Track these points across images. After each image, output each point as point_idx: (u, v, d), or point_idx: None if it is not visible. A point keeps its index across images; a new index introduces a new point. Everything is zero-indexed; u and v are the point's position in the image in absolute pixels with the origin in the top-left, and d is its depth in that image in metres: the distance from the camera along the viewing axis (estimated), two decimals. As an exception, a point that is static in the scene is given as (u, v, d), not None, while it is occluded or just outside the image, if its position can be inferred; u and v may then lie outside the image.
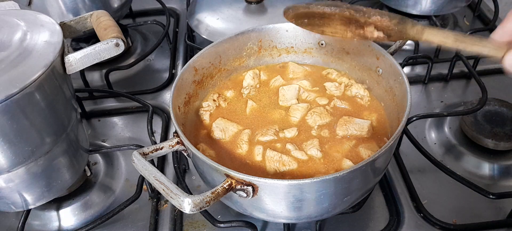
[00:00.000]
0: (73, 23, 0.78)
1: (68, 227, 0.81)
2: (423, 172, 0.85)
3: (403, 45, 0.79)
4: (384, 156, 0.61)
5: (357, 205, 0.74)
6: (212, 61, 0.83)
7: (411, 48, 1.14)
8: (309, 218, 0.64)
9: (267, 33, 0.87)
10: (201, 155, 0.60)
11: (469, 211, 0.78)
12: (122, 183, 0.88)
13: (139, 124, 1.02)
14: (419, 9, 1.16)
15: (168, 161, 0.91)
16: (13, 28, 0.68)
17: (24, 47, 0.64)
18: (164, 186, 0.55)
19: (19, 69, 0.60)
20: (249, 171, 0.67)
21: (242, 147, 0.72)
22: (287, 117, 0.77)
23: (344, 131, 0.72)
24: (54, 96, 0.66)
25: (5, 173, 0.66)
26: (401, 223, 0.76)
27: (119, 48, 0.70)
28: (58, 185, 0.75)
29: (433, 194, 0.81)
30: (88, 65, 0.70)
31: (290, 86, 0.82)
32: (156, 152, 0.63)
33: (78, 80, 1.09)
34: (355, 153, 0.69)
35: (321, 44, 0.87)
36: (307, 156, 0.69)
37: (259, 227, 0.76)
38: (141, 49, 1.27)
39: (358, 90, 0.80)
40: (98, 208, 0.83)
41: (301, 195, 0.58)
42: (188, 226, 0.80)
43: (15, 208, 0.74)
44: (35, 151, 0.66)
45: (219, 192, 0.55)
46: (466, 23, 1.30)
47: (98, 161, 0.92)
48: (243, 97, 0.83)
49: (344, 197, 0.62)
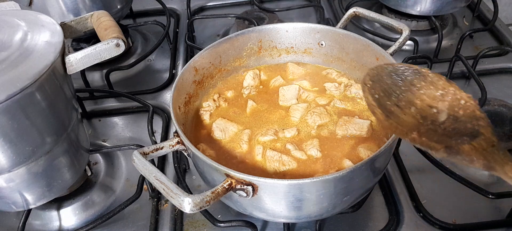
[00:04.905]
0: (73, 24, 0.79)
1: (69, 226, 0.81)
2: (422, 171, 0.85)
3: (402, 46, 0.79)
4: (383, 155, 0.62)
5: (357, 204, 0.75)
6: (212, 61, 0.84)
7: (410, 48, 1.14)
8: (309, 217, 0.65)
9: (267, 33, 0.88)
10: (201, 155, 0.60)
11: (468, 210, 0.78)
12: (122, 183, 0.89)
13: (140, 123, 1.02)
14: (418, 9, 1.16)
15: (169, 161, 0.92)
16: (14, 28, 0.68)
17: (25, 48, 0.64)
18: (164, 186, 0.55)
19: (20, 70, 0.61)
20: (249, 170, 0.67)
21: (242, 146, 0.72)
22: (287, 117, 0.77)
23: (343, 131, 0.72)
24: (55, 96, 0.66)
25: (6, 172, 0.66)
26: (400, 223, 0.77)
27: (119, 48, 0.70)
28: (58, 185, 0.75)
29: (433, 193, 0.81)
30: (88, 65, 0.70)
31: (290, 87, 0.82)
32: (157, 152, 0.63)
33: (79, 80, 1.09)
34: (355, 153, 0.69)
35: (321, 44, 0.87)
36: (307, 156, 0.69)
37: (259, 226, 0.76)
38: (142, 49, 1.27)
39: (358, 90, 0.80)
40: (98, 208, 0.84)
41: (301, 194, 0.58)
42: (189, 225, 0.80)
43: (15, 207, 0.74)
44: (35, 151, 0.67)
45: (219, 192, 0.55)
46: (466, 23, 1.30)
47: (98, 160, 0.92)
48: (243, 97, 0.83)
49: (343, 197, 0.62)
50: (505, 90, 1.03)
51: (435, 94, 0.53)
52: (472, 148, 0.49)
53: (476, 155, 0.48)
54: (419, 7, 1.16)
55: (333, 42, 0.86)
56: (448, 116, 0.51)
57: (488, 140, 0.49)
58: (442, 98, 0.52)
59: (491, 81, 1.04)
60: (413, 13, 1.18)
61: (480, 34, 1.23)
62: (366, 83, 0.59)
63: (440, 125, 0.51)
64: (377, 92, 0.57)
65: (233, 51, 0.86)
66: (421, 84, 0.54)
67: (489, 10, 1.32)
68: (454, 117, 0.51)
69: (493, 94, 0.95)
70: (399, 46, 0.78)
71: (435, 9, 1.16)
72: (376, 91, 0.57)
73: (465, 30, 1.22)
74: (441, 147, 0.50)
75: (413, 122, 0.53)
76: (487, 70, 1.09)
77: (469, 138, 0.49)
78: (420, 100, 0.53)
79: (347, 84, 0.82)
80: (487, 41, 1.22)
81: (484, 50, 1.06)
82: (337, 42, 0.85)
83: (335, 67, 0.87)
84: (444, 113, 0.51)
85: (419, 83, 0.54)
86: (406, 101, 0.54)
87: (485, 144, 0.49)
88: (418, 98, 0.53)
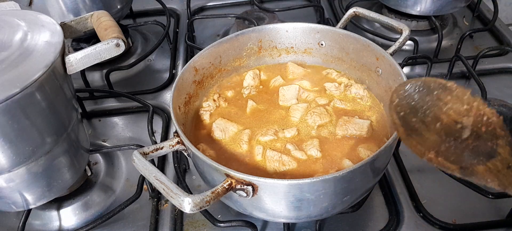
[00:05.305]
0: (73, 24, 0.79)
1: (69, 226, 0.81)
2: (422, 171, 0.85)
3: (402, 46, 0.79)
4: (383, 155, 0.62)
5: (357, 204, 0.75)
6: (212, 61, 0.84)
7: (410, 48, 1.14)
8: (309, 217, 0.65)
9: (267, 33, 0.88)
10: (201, 155, 0.60)
11: (468, 210, 0.78)
12: (122, 183, 0.89)
13: (140, 123, 1.02)
14: (418, 10, 1.16)
15: (169, 161, 0.92)
16: (14, 28, 0.68)
17: (25, 48, 0.64)
18: (164, 186, 0.55)
19: (20, 70, 0.61)
20: (249, 170, 0.67)
21: (242, 146, 0.72)
22: (287, 117, 0.77)
23: (343, 131, 0.72)
24: (55, 96, 0.66)
25: (6, 172, 0.66)
26: (400, 223, 0.77)
27: (119, 48, 0.70)
28: (58, 185, 0.75)
29: (433, 193, 0.81)
30: (88, 65, 0.70)
31: (290, 86, 0.83)
32: (157, 152, 0.63)
33: (79, 80, 1.09)
34: (355, 153, 0.69)
35: (321, 44, 0.87)
36: (307, 156, 0.69)
37: (259, 226, 0.76)
38: (142, 49, 1.27)
39: (358, 90, 0.80)
40: (98, 208, 0.84)
41: (301, 194, 0.58)
42: (189, 225, 0.80)
43: (16, 207, 0.74)
44: (35, 151, 0.67)
45: (219, 192, 0.55)
46: (466, 23, 1.30)
47: (98, 160, 0.92)
48: (243, 97, 0.83)
49: (343, 197, 0.62)
50: (505, 90, 1.03)
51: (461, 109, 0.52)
52: (487, 169, 0.48)
53: (490, 177, 0.47)
54: (419, 7, 1.16)
55: (333, 42, 0.86)
56: (471, 132, 0.50)
57: (504, 161, 0.47)
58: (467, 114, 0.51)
59: (491, 81, 1.04)
60: (413, 13, 1.18)
61: (480, 34, 1.23)
62: (393, 100, 0.58)
63: (462, 142, 0.50)
64: (403, 109, 0.56)
65: (233, 51, 0.86)
66: (447, 98, 0.53)
67: (489, 10, 1.32)
68: (476, 134, 0.50)
69: (493, 94, 0.95)
70: (399, 46, 0.78)
71: (435, 9, 1.16)
72: (402, 108, 0.56)
73: (465, 30, 1.22)
74: (456, 167, 0.50)
75: (435, 139, 0.52)
76: (487, 70, 1.09)
77: (486, 157, 0.49)
78: (446, 116, 0.52)
79: (347, 84, 0.82)
80: (487, 41, 1.22)
81: (484, 50, 1.06)
82: (337, 42, 0.85)
83: (335, 67, 0.87)
84: (468, 130, 0.50)
85: (445, 98, 0.53)
86: (433, 117, 0.53)
87: (500, 165, 0.47)
88: (444, 114, 0.53)
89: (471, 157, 0.49)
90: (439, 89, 0.55)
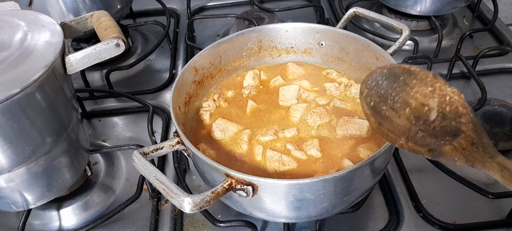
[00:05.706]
0: (73, 24, 0.79)
1: (69, 226, 0.81)
2: (422, 171, 0.85)
3: (402, 46, 0.79)
4: (383, 155, 0.62)
5: (357, 204, 0.75)
6: (212, 61, 0.84)
7: (410, 48, 1.14)
8: (309, 217, 0.65)
9: (267, 33, 0.88)
10: (201, 155, 0.60)
11: (468, 210, 0.78)
12: (122, 183, 0.89)
13: (140, 123, 1.02)
14: (418, 10, 1.16)
15: (169, 161, 0.92)
16: (14, 28, 0.68)
17: (25, 48, 0.64)
18: (164, 186, 0.55)
19: (20, 70, 0.61)
20: (249, 170, 0.67)
21: (242, 146, 0.72)
22: (287, 117, 0.77)
23: (343, 130, 0.72)
24: (55, 96, 0.66)
25: (6, 172, 0.66)
26: (400, 223, 0.77)
27: (119, 48, 0.70)
28: (58, 185, 0.75)
29: (433, 193, 0.81)
30: (88, 65, 0.70)
31: (290, 86, 0.83)
32: (157, 152, 0.63)
33: (79, 80, 1.09)
34: (355, 153, 0.69)
35: (321, 44, 0.87)
36: (307, 156, 0.69)
37: (259, 226, 0.76)
38: (142, 49, 1.27)
39: (358, 90, 0.80)
40: (98, 208, 0.84)
41: (301, 194, 0.58)
42: (189, 225, 0.80)
43: (15, 207, 0.74)
44: (35, 151, 0.67)
45: (219, 192, 0.55)
46: (466, 23, 1.30)
47: (98, 160, 0.92)
48: (243, 97, 0.83)
49: (343, 197, 0.62)
50: (505, 90, 1.03)
51: (426, 91, 0.52)
52: (453, 148, 0.49)
53: (457, 155, 0.48)
54: (419, 7, 1.16)
55: (333, 42, 0.86)
56: (437, 113, 0.50)
57: (468, 138, 0.48)
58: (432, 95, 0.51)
59: (491, 81, 1.05)
60: (413, 13, 1.18)
61: (480, 34, 1.23)
62: (362, 92, 0.59)
63: (430, 124, 0.51)
64: (373, 99, 0.57)
65: (233, 51, 0.86)
66: (413, 82, 0.53)
67: (489, 10, 1.32)
68: (442, 114, 0.50)
69: (493, 94, 0.95)
70: (399, 46, 0.78)
71: (435, 9, 1.16)
72: (372, 98, 0.58)
73: (465, 30, 1.22)
74: (425, 150, 0.51)
75: (406, 124, 0.53)
76: (487, 70, 1.09)
77: (451, 137, 0.49)
78: (414, 100, 0.53)
79: (347, 84, 0.82)
80: (487, 41, 1.22)
81: (484, 50, 1.06)
82: (337, 42, 0.85)
83: (335, 67, 0.87)
84: (434, 111, 0.51)
85: (411, 82, 0.54)
86: (402, 103, 0.54)
87: (465, 142, 0.48)
88: (412, 98, 0.53)
89: (438, 138, 0.50)
90: (404, 74, 0.55)
